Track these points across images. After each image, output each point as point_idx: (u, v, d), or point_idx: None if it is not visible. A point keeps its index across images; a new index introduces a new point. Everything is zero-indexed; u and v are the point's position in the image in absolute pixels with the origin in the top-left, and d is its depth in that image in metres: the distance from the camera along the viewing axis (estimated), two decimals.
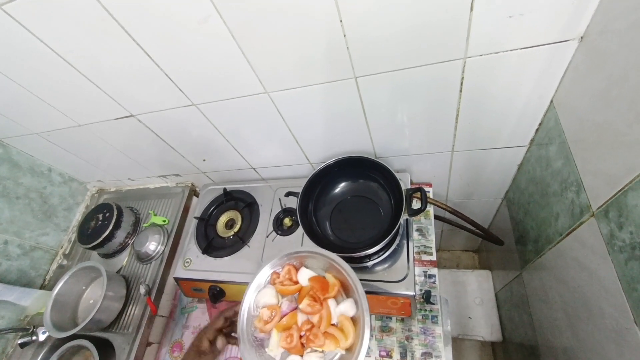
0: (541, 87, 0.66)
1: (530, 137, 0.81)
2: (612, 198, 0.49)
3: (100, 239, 1.07)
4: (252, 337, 0.61)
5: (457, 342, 1.51)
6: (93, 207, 1.23)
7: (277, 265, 0.67)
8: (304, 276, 0.64)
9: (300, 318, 0.62)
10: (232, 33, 0.60)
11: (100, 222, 1.11)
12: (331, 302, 0.61)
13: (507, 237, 1.09)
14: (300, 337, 0.59)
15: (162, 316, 1.05)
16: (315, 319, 0.60)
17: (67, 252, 1.23)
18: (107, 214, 1.12)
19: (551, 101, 0.69)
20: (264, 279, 0.67)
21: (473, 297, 1.37)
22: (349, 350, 0.56)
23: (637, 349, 0.46)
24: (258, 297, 0.64)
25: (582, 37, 0.55)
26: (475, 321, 1.31)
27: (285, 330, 0.60)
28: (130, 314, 1.02)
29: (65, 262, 1.22)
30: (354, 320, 0.59)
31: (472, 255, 1.71)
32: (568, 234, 0.65)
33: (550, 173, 0.72)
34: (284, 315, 0.61)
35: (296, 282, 0.64)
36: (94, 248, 1.09)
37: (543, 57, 0.60)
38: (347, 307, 0.59)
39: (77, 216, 1.29)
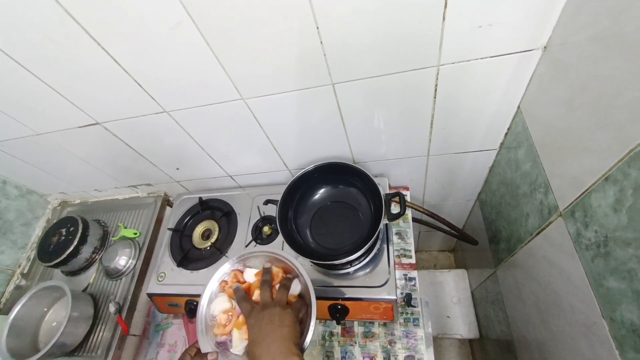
0: (509, 93, 0.70)
1: (500, 141, 0.84)
2: (578, 199, 0.52)
3: (64, 255, 0.99)
4: (215, 345, 0.63)
5: (437, 341, 1.54)
6: (55, 221, 1.15)
7: (225, 275, 0.70)
8: (250, 275, 0.68)
9: None
10: (206, 40, 0.59)
11: (63, 238, 1.04)
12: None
13: (480, 236, 1.13)
14: None
15: (135, 335, 0.99)
16: None
17: (25, 271, 1.13)
18: (72, 228, 1.05)
19: (518, 107, 0.72)
20: (213, 290, 0.69)
21: (450, 297, 1.40)
22: (302, 321, 0.61)
23: (605, 342, 0.49)
24: (212, 307, 0.67)
25: (545, 47, 0.59)
26: (454, 320, 1.35)
27: (244, 325, 0.63)
28: (98, 335, 0.95)
29: (23, 282, 1.12)
30: (302, 297, 0.65)
31: (448, 255, 1.76)
32: (538, 234, 0.68)
33: (520, 175, 0.75)
34: (240, 315, 0.65)
35: (244, 282, 0.68)
36: (56, 266, 1.01)
37: (510, 65, 0.63)
38: (292, 286, 0.65)
39: (37, 231, 1.19)
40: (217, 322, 0.64)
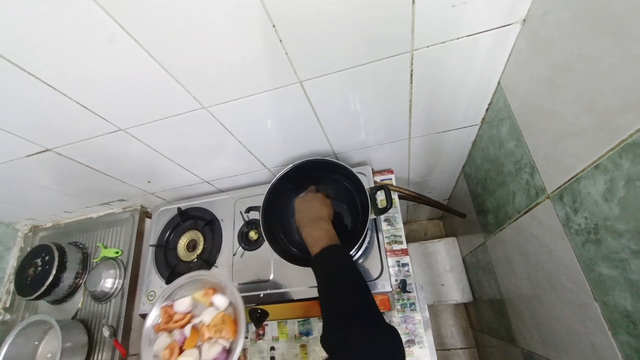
0: (488, 69, 0.65)
1: (481, 117, 0.81)
2: (566, 184, 0.51)
3: (44, 287, 0.95)
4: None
5: (434, 308, 1.60)
6: (29, 249, 1.08)
7: (156, 318, 0.76)
8: (181, 305, 0.75)
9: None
10: (149, 53, 0.51)
11: (40, 268, 0.98)
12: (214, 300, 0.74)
13: (467, 207, 1.14)
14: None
15: (135, 355, 0.98)
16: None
17: (7, 305, 1.08)
18: (47, 258, 0.99)
19: (498, 82, 0.69)
20: (150, 337, 0.74)
21: (443, 265, 1.44)
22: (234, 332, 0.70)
23: (598, 322, 0.50)
24: (155, 348, 0.72)
25: (524, 20, 0.54)
26: (448, 287, 1.39)
27: (189, 348, 0.70)
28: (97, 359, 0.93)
29: (8, 316, 1.08)
30: (234, 310, 0.73)
31: (438, 223, 1.79)
32: (526, 212, 0.68)
33: (504, 153, 0.73)
34: (182, 345, 0.71)
35: (174, 314, 0.75)
36: (39, 298, 0.97)
37: (488, 42, 0.58)
38: (219, 300, 0.73)
39: (12, 263, 1.13)
40: (160, 359, 0.71)
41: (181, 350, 0.72)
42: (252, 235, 0.92)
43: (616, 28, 0.36)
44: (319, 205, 0.73)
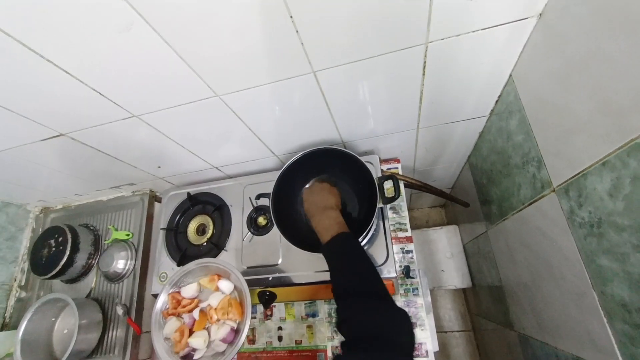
0: (501, 61, 0.66)
1: (490, 108, 0.82)
2: (573, 178, 0.52)
3: (59, 267, 0.98)
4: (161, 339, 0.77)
5: (433, 292, 1.65)
6: (40, 230, 1.11)
7: (164, 304, 0.82)
8: (188, 291, 0.82)
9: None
10: (166, 41, 0.51)
11: (54, 249, 1.01)
12: (220, 285, 0.81)
13: (471, 196, 1.16)
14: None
15: (148, 332, 1.02)
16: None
17: (22, 283, 1.12)
18: (60, 239, 1.02)
19: (510, 75, 0.69)
20: (159, 320, 0.80)
21: (444, 252, 1.48)
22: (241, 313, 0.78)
23: (595, 311, 0.53)
24: (165, 332, 0.78)
25: (540, 14, 0.54)
26: (448, 273, 1.43)
27: (199, 330, 0.77)
28: (112, 336, 0.98)
29: (24, 294, 1.12)
30: (239, 293, 0.80)
31: (440, 211, 1.82)
32: (530, 204, 0.70)
33: (512, 146, 0.74)
34: (191, 327, 0.78)
35: (182, 299, 0.82)
36: (53, 277, 1.00)
37: (503, 36, 0.58)
38: (225, 285, 0.80)
39: (25, 243, 1.16)
40: (172, 341, 0.77)
41: (191, 332, 0.78)
42: (261, 221, 0.95)
43: (636, 28, 0.36)
44: (326, 195, 0.75)
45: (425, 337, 0.83)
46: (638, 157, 0.38)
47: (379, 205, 0.76)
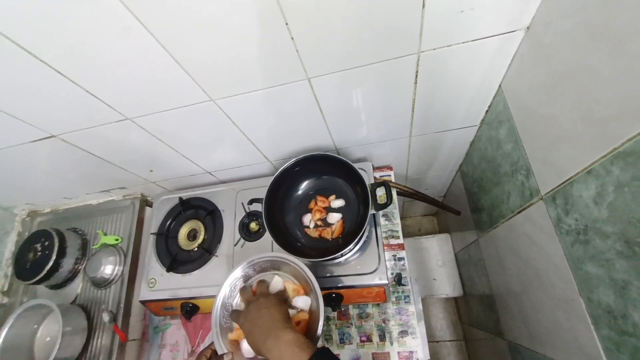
0: (491, 72, 0.68)
1: (481, 118, 0.84)
2: (559, 187, 0.53)
3: (44, 272, 0.95)
4: (229, 345, 0.66)
5: (424, 301, 1.65)
6: (27, 234, 1.09)
7: (236, 280, 0.72)
8: (277, 285, 0.71)
9: None
10: (163, 45, 0.52)
11: (40, 253, 0.99)
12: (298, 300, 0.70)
13: (462, 204, 1.17)
14: None
15: (135, 340, 1.00)
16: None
17: (5, 288, 1.09)
18: (47, 243, 1.00)
19: (499, 86, 0.71)
20: (226, 294, 0.71)
21: (436, 260, 1.48)
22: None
23: (582, 317, 0.53)
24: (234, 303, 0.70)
25: (528, 28, 0.56)
26: (440, 282, 1.44)
27: None
28: (97, 344, 0.95)
29: (6, 300, 1.08)
30: (310, 315, 0.68)
31: (432, 219, 1.83)
32: (519, 212, 0.71)
33: (501, 154, 0.76)
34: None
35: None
36: (38, 282, 0.97)
37: (493, 47, 0.60)
38: (303, 301, 0.69)
39: (10, 247, 1.13)
40: (235, 326, 0.67)
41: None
42: (253, 226, 0.94)
43: (616, 43, 0.38)
44: (273, 312, 0.58)
45: (416, 345, 0.83)
46: (620, 165, 0.40)
47: (371, 211, 0.76)
